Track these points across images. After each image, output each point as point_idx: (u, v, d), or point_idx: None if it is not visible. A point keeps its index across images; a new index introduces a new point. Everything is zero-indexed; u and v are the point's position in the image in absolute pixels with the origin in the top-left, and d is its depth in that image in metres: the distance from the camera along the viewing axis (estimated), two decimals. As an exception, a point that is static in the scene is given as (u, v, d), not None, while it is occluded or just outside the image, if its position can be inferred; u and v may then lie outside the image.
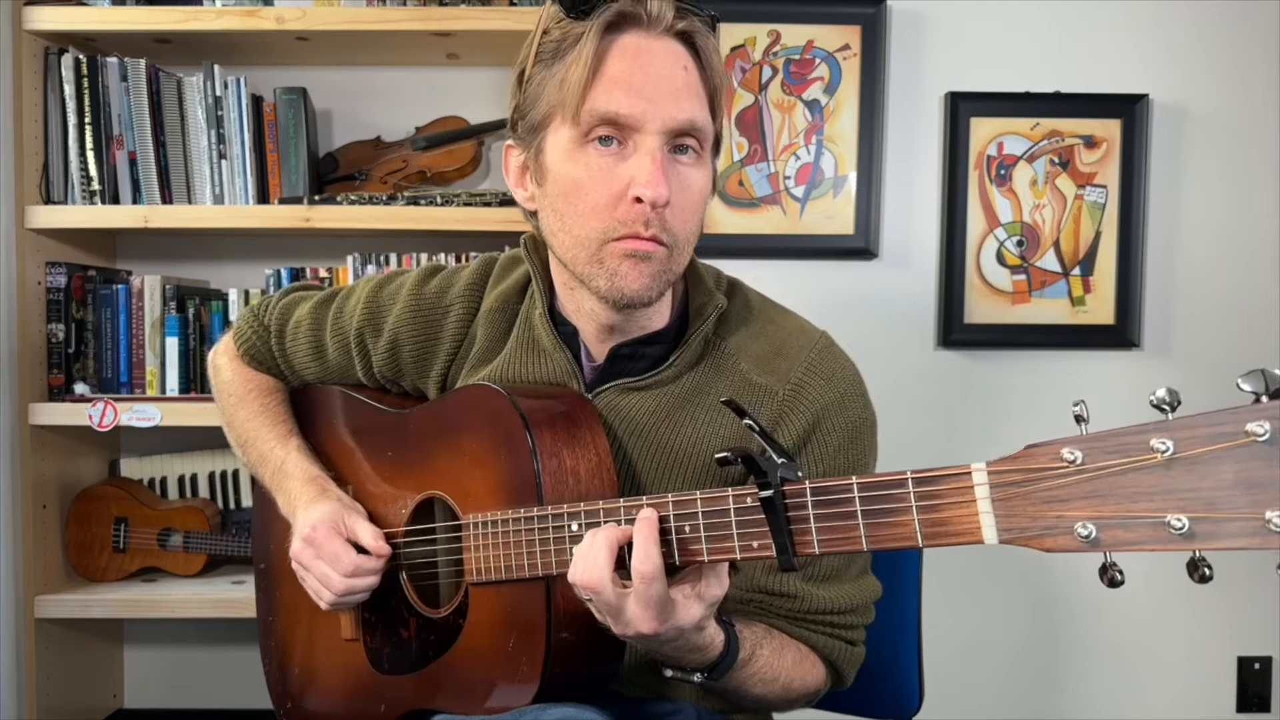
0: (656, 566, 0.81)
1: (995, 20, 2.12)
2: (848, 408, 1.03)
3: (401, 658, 1.10)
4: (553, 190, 0.97)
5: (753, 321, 1.07)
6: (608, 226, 0.93)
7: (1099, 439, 0.65)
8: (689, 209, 0.96)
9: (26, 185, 1.99)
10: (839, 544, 0.76)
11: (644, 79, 0.92)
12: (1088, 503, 0.65)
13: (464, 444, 1.04)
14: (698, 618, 0.84)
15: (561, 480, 0.96)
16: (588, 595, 0.85)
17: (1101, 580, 0.68)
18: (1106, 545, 0.65)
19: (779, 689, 0.99)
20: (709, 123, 0.96)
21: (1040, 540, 0.67)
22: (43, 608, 1.99)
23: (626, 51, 0.93)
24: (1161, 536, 0.63)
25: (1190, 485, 0.62)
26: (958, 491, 0.71)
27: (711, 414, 1.03)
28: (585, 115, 0.92)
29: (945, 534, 0.71)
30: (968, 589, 2.16)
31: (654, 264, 0.94)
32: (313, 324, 1.21)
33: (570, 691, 0.95)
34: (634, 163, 0.92)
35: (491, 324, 1.12)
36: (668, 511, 0.84)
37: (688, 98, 0.94)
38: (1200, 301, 2.15)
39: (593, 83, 0.92)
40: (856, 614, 1.04)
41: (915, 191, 2.15)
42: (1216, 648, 2.17)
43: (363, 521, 1.10)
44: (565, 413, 1.00)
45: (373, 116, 2.21)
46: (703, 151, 0.97)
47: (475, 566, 0.99)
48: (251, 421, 1.24)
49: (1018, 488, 0.68)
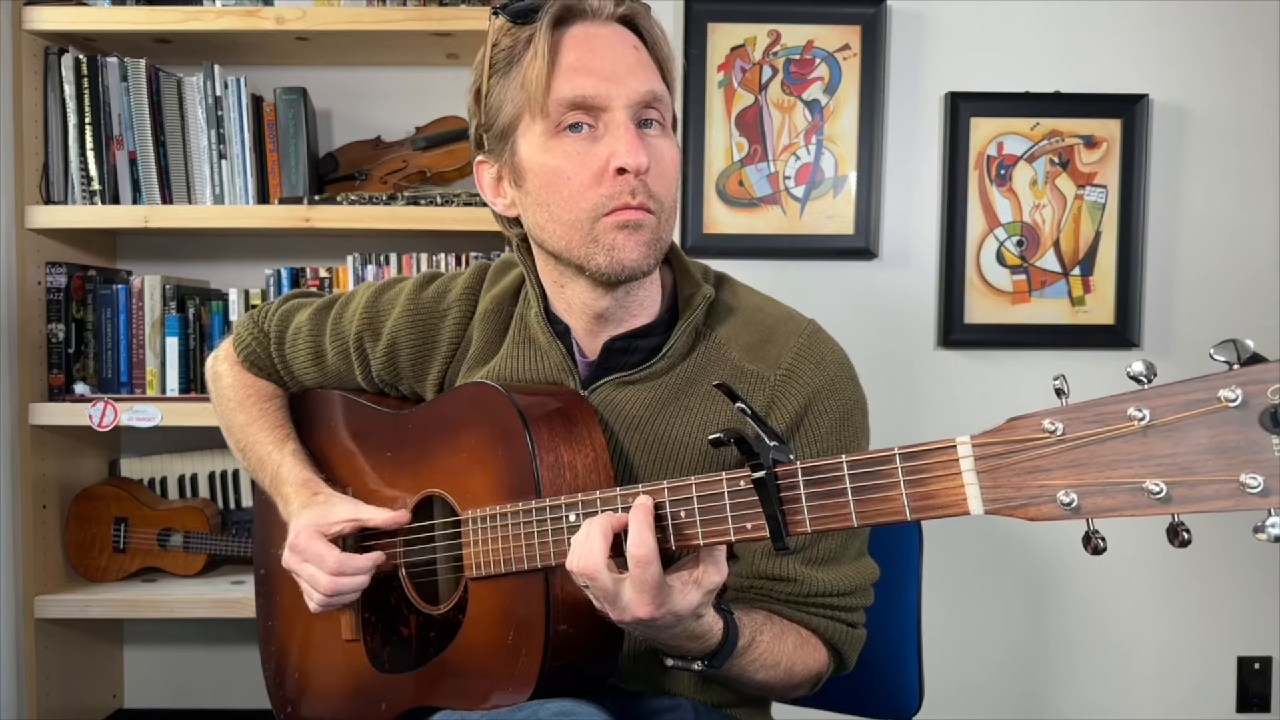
0: (651, 550, 0.83)
1: (995, 20, 2.12)
2: (838, 390, 1.05)
3: (402, 656, 1.10)
4: (534, 185, 1.00)
5: (741, 311, 1.09)
6: (597, 203, 0.97)
7: (1078, 409, 0.67)
8: (667, 176, 1.00)
9: (26, 185, 1.99)
10: (830, 521, 0.78)
11: (600, 61, 0.97)
12: (1069, 471, 0.67)
13: (462, 441, 1.04)
14: (695, 604, 0.85)
15: (559, 475, 0.97)
16: (585, 582, 0.86)
17: (1085, 549, 0.70)
18: (1088, 512, 0.66)
19: (781, 674, 1.00)
20: (666, 94, 1.01)
21: (1024, 510, 0.69)
22: (43, 608, 1.99)
23: (578, 40, 0.98)
24: (1140, 502, 0.64)
25: (1166, 451, 0.63)
26: (943, 465, 0.73)
27: (705, 404, 1.04)
28: (553, 105, 0.96)
29: (933, 507, 0.73)
30: (968, 589, 2.16)
31: (646, 232, 0.98)
32: (312, 330, 1.23)
33: (569, 685, 0.96)
34: (609, 140, 0.96)
35: (487, 325, 1.14)
36: (663, 498, 0.85)
37: (643, 72, 0.99)
38: (1200, 301, 2.15)
39: (553, 74, 0.96)
40: (856, 596, 1.05)
41: (915, 191, 2.15)
42: (1216, 648, 2.17)
43: (341, 505, 1.11)
44: (562, 409, 1.01)
45: (373, 116, 2.21)
46: (665, 123, 1.01)
47: (475, 561, 1.00)
48: (250, 427, 1.25)
49: (1001, 459, 0.70)
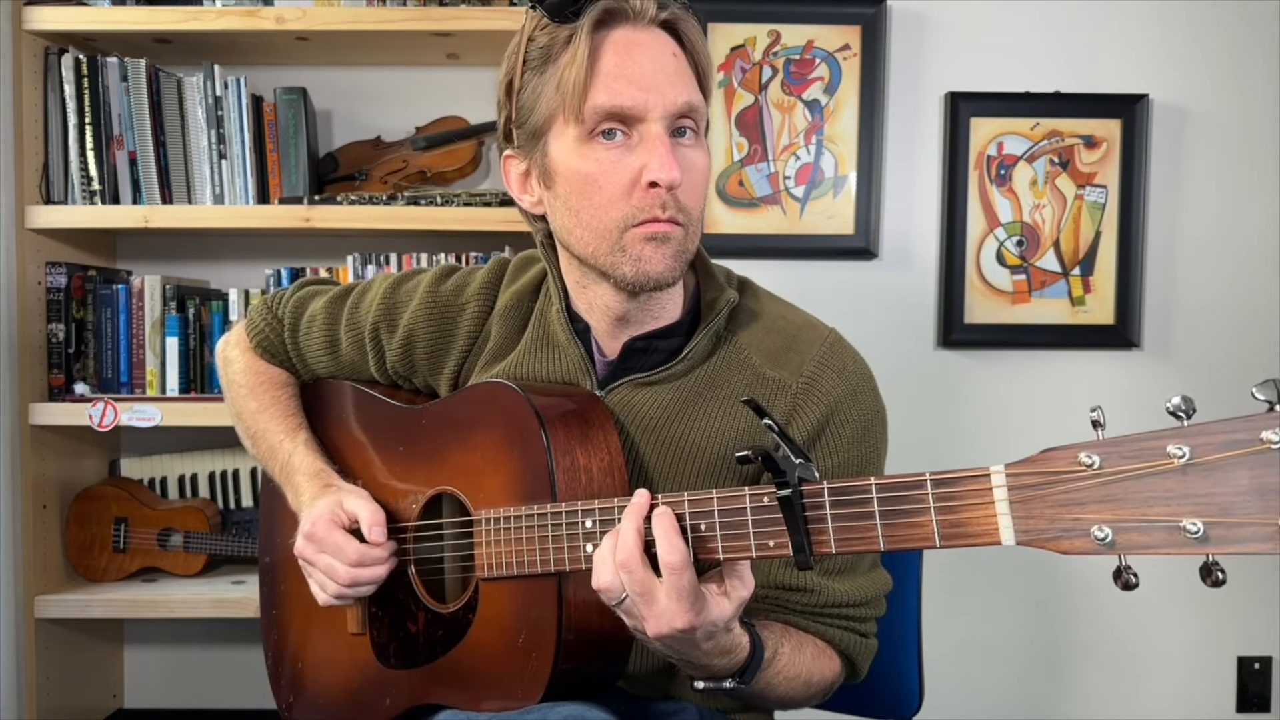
0: (684, 555, 0.81)
1: (995, 20, 2.12)
2: (860, 400, 1.04)
3: (408, 652, 1.10)
4: (564, 189, 0.99)
5: (763, 316, 1.08)
6: (626, 214, 0.96)
7: (1116, 444, 0.66)
8: (697, 187, 0.99)
9: (26, 185, 1.99)
10: (856, 544, 0.77)
11: (640, 70, 0.95)
12: (1104, 506, 0.66)
13: (477, 440, 1.04)
14: (729, 615, 0.84)
15: (575, 478, 0.96)
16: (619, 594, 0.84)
17: (1115, 583, 0.69)
18: (1122, 548, 0.66)
19: (800, 685, 1.00)
20: (703, 103, 1.00)
21: (1057, 543, 0.68)
22: (43, 608, 1.99)
23: (618, 46, 0.96)
24: (1177, 540, 0.64)
25: (1205, 490, 0.63)
26: (976, 493, 0.71)
27: (724, 408, 1.03)
28: (589, 112, 0.95)
29: (963, 535, 0.72)
30: (968, 589, 2.16)
31: (673, 244, 0.97)
32: (327, 318, 1.22)
33: (578, 688, 0.96)
34: (643, 150, 0.95)
35: (506, 322, 1.13)
36: (683, 510, 0.84)
37: (682, 82, 0.97)
38: (1200, 301, 2.15)
39: (591, 80, 0.94)
40: (869, 606, 1.05)
41: (915, 191, 2.15)
42: (1216, 648, 2.17)
43: (362, 502, 1.09)
44: (578, 411, 1.01)
45: (373, 116, 2.21)
46: (699, 131, 1.00)
47: (486, 562, 0.99)
48: (261, 414, 1.24)
49: (1036, 490, 0.68)
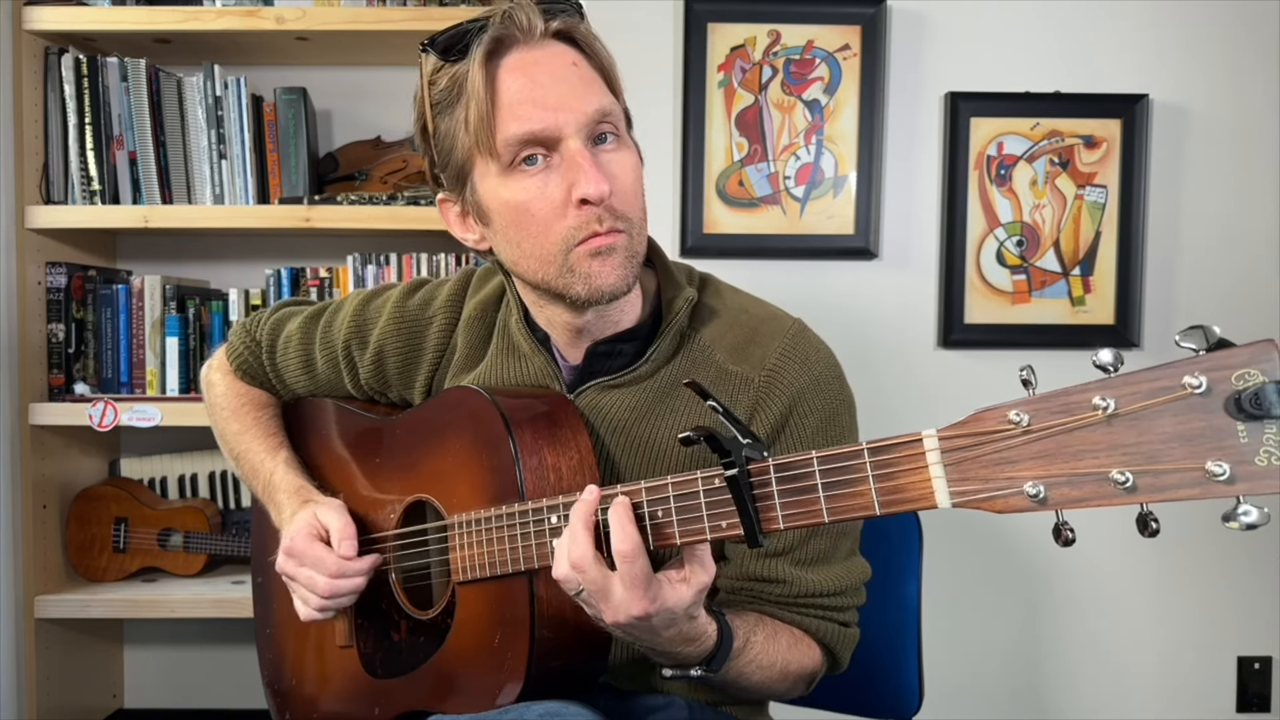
0: (635, 544, 0.82)
1: (995, 20, 2.12)
2: (823, 389, 1.04)
3: (394, 661, 1.10)
4: (501, 223, 0.99)
5: (725, 312, 1.08)
6: (566, 235, 0.95)
7: (1044, 400, 0.66)
8: (630, 190, 0.98)
9: (26, 185, 1.99)
10: (801, 518, 0.78)
11: (543, 90, 0.94)
12: (1036, 463, 0.66)
13: (448, 446, 1.04)
14: (687, 602, 0.85)
15: (543, 478, 0.97)
16: (576, 586, 0.86)
17: (1056, 541, 0.69)
18: (1055, 504, 0.66)
19: (776, 674, 1.00)
20: (615, 104, 0.99)
21: (991, 502, 0.68)
22: (43, 608, 1.99)
23: (515, 71, 0.94)
24: (1107, 492, 0.64)
25: (1132, 440, 0.63)
26: (910, 459, 0.73)
27: (690, 406, 1.04)
28: (503, 146, 0.94)
29: (901, 500, 0.73)
30: (967, 589, 2.16)
31: (619, 254, 0.97)
32: (303, 338, 1.24)
33: (559, 686, 0.96)
34: (567, 170, 0.94)
35: (471, 331, 1.14)
36: (641, 498, 0.85)
37: (589, 90, 0.96)
38: (1200, 301, 2.14)
39: (496, 113, 0.94)
40: (847, 595, 1.05)
41: (915, 191, 2.15)
42: (1216, 648, 2.17)
43: (334, 514, 1.09)
44: (546, 412, 1.01)
45: (373, 116, 2.21)
46: (620, 132, 0.99)
47: (461, 565, 1.00)
48: (244, 435, 1.26)
49: (968, 451, 0.70)
